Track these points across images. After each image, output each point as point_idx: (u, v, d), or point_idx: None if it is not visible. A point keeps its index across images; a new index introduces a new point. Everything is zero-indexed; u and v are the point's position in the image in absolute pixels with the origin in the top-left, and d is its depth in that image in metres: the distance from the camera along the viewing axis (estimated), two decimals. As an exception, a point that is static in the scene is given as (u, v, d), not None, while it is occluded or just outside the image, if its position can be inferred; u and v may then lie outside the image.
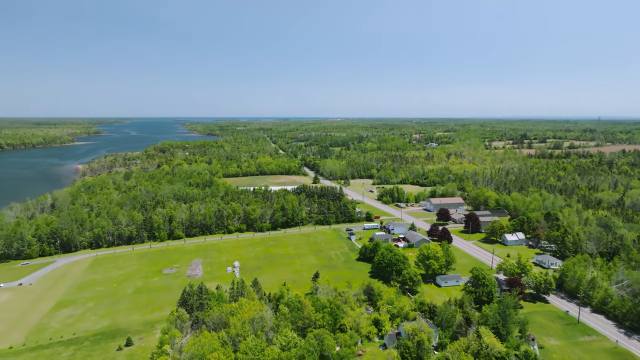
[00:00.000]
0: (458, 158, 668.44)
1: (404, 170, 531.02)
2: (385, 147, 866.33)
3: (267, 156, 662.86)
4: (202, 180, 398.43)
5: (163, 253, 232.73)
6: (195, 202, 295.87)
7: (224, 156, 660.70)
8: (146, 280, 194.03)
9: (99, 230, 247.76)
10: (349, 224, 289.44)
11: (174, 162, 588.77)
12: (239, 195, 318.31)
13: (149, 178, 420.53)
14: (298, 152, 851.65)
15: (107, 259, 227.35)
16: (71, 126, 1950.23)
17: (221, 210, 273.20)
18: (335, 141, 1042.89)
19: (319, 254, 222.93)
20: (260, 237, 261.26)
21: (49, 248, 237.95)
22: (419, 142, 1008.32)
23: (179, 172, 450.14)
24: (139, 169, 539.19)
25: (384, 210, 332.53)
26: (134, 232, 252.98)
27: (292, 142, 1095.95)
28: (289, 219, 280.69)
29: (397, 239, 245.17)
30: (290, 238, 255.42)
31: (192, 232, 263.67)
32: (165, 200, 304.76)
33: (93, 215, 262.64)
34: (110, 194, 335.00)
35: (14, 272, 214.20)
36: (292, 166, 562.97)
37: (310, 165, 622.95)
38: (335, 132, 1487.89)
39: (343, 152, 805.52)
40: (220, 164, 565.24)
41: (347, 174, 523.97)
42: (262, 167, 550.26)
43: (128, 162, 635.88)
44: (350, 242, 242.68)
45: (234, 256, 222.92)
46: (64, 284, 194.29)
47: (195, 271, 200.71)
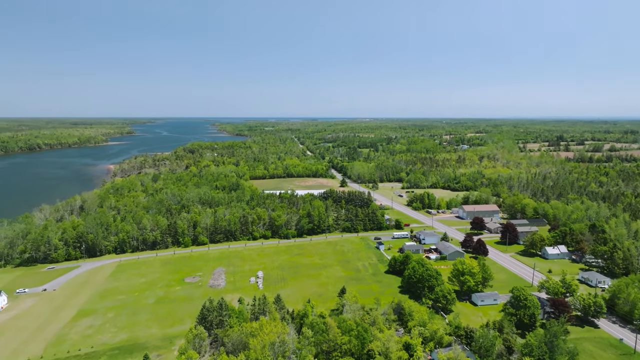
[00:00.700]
0: (491, 161, 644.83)
1: (434, 173, 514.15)
2: (414, 149, 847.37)
3: (295, 158, 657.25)
4: (229, 183, 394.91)
5: (186, 260, 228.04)
6: (220, 207, 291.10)
7: (251, 158, 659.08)
8: (168, 289, 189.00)
9: (124, 235, 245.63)
10: (377, 231, 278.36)
11: (202, 163, 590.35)
12: (264, 200, 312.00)
13: (176, 180, 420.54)
14: (326, 153, 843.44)
15: (131, 265, 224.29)
16: (105, 126, 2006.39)
17: (246, 216, 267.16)
18: (364, 142, 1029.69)
19: (346, 265, 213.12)
20: (285, 244, 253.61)
21: (74, 252, 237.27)
22: (450, 144, 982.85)
23: (205, 175, 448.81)
24: (168, 170, 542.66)
25: (414, 217, 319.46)
26: (158, 237, 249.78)
27: (320, 143, 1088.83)
28: (315, 226, 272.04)
29: (429, 250, 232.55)
30: (316, 246, 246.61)
31: (216, 238, 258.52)
32: (190, 205, 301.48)
33: (118, 219, 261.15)
34: (137, 197, 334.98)
35: (39, 276, 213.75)
36: (320, 169, 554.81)
37: (337, 167, 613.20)
38: (364, 132, 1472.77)
39: (371, 154, 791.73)
40: (248, 165, 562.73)
41: (375, 177, 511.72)
42: (289, 170, 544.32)
43: (157, 163, 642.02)
44: (378, 253, 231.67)
45: (258, 265, 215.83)
46: (86, 291, 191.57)
47: (217, 281, 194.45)
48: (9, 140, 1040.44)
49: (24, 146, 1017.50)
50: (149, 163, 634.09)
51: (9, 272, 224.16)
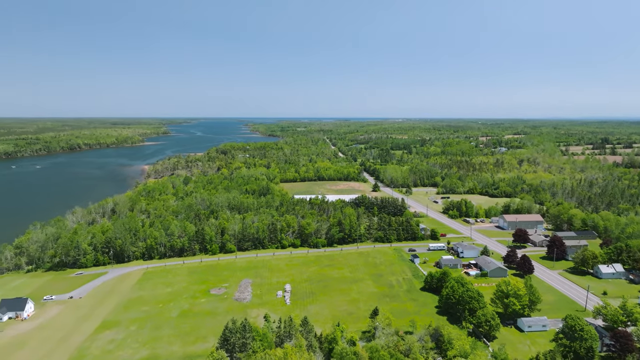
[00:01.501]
0: (531, 165, 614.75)
1: (471, 178, 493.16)
2: (449, 151, 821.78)
3: (326, 160, 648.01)
4: (259, 186, 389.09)
5: (213, 269, 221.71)
6: (249, 213, 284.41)
7: (282, 160, 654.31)
8: (193, 301, 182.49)
9: (152, 241, 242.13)
10: (411, 242, 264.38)
11: (233, 165, 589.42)
12: (294, 206, 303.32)
13: (206, 183, 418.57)
14: (358, 155, 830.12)
15: (157, 273, 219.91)
16: (143, 126, 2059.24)
17: (275, 224, 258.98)
18: (397, 144, 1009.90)
19: (378, 280, 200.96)
20: (315, 254, 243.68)
21: (102, 257, 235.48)
22: (487, 147, 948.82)
23: (236, 177, 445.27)
24: (199, 172, 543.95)
25: (451, 227, 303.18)
26: (185, 244, 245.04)
27: (352, 145, 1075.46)
28: (346, 235, 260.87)
29: (468, 265, 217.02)
30: (347, 257, 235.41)
31: (244, 246, 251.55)
32: (219, 210, 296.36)
33: (147, 224, 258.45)
34: (167, 201, 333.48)
35: (67, 282, 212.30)
36: (351, 172, 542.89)
37: (370, 170, 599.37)
38: (397, 134, 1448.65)
39: (405, 156, 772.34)
40: (279, 168, 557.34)
41: (409, 181, 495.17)
42: (321, 173, 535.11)
43: (190, 164, 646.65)
44: (413, 266, 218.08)
45: (286, 277, 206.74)
46: (111, 300, 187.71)
47: (244, 294, 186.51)
48: (51, 141, 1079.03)
49: (65, 146, 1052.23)
50: (182, 164, 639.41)
51: (39, 276, 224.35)
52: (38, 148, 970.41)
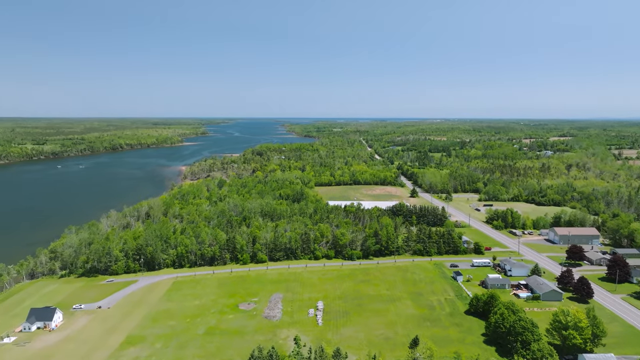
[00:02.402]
0: (581, 171, 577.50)
1: (515, 184, 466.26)
2: (491, 154, 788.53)
3: (362, 163, 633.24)
4: (293, 191, 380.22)
5: (243, 281, 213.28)
6: (282, 221, 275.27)
7: (318, 162, 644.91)
8: (220, 317, 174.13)
9: (182, 249, 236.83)
10: (453, 256, 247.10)
11: (268, 167, 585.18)
12: (328, 214, 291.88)
13: (240, 187, 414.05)
14: (395, 157, 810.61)
15: (186, 283, 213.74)
16: (182, 126, 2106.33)
17: (308, 233, 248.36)
18: (435, 146, 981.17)
19: (418, 299, 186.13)
20: (349, 267, 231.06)
21: (133, 265, 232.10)
22: (531, 150, 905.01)
23: (270, 181, 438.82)
24: (234, 175, 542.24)
25: (495, 239, 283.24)
26: (216, 252, 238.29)
27: (388, 147, 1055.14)
28: (382, 247, 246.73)
29: (517, 285, 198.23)
30: (384, 272, 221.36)
31: (276, 256, 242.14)
32: (251, 216, 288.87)
33: (178, 232, 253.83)
34: (200, 205, 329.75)
35: (98, 290, 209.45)
36: (388, 176, 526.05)
37: (407, 174, 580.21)
38: (435, 135, 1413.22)
39: (444, 159, 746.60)
40: (314, 171, 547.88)
41: (449, 187, 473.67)
42: (356, 176, 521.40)
43: (226, 165, 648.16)
44: (456, 285, 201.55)
45: (319, 293, 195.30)
46: (139, 312, 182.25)
47: (274, 311, 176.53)
48: (95, 141, 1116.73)
49: (108, 146, 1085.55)
50: (218, 166, 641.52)
51: (71, 282, 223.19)
52: (83, 148, 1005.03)
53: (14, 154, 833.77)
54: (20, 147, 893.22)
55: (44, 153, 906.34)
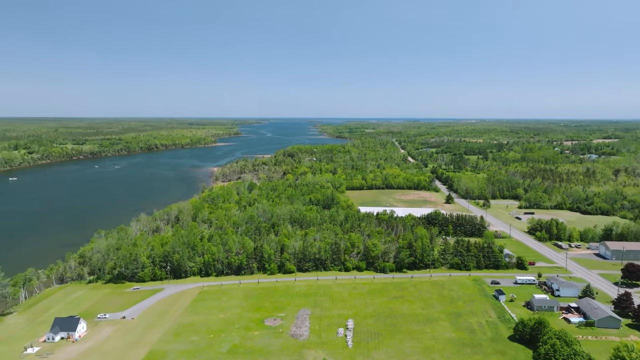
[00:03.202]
0: (631, 177, 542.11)
1: (558, 191, 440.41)
2: (530, 157, 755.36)
3: (395, 166, 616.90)
4: (324, 196, 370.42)
5: (270, 293, 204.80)
6: (311, 229, 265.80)
7: (349, 165, 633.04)
8: (245, 333, 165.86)
9: (209, 257, 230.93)
10: (494, 271, 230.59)
11: (299, 169, 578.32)
12: (359, 222, 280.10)
13: (270, 190, 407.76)
14: (429, 160, 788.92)
15: (212, 293, 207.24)
16: (216, 127, 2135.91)
17: (338, 243, 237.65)
18: (471, 148, 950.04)
19: (456, 321, 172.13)
20: (382, 280, 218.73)
21: (160, 272, 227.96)
22: (573, 153, 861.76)
23: (300, 185, 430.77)
24: (265, 177, 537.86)
25: (539, 252, 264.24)
26: (243, 261, 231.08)
27: (422, 148, 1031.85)
28: (417, 260, 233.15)
29: (567, 308, 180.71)
30: (419, 287, 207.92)
31: (304, 267, 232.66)
32: (280, 223, 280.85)
33: (205, 239, 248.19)
34: (229, 210, 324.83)
35: (123, 298, 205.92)
36: (422, 180, 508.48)
37: (442, 178, 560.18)
38: (470, 136, 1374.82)
39: (480, 162, 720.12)
40: (345, 174, 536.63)
41: (486, 192, 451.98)
42: (389, 180, 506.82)
43: (257, 167, 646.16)
44: (498, 305, 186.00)
45: (349, 309, 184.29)
46: (163, 324, 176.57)
47: (301, 328, 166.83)
48: (131, 141, 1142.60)
49: (144, 146, 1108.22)
50: (249, 167, 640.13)
51: (98, 289, 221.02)
52: (119, 148, 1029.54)
53: (55, 154, 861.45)
54: (61, 147, 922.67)
55: (83, 153, 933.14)
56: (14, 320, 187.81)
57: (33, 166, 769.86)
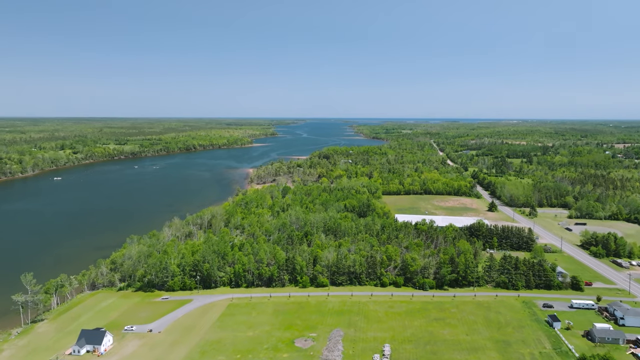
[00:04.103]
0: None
1: (612, 200, 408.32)
2: (579, 162, 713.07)
3: (433, 170, 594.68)
4: (359, 202, 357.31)
5: (301, 309, 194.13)
6: (346, 240, 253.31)
7: (386, 168, 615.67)
8: (274, 355, 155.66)
9: (240, 267, 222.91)
10: (545, 292, 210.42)
11: (334, 172, 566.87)
12: (397, 232, 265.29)
13: (304, 195, 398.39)
14: (469, 163, 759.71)
15: (242, 307, 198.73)
16: (253, 127, 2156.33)
17: (374, 256, 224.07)
18: (513, 151, 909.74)
19: (505, 351, 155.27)
20: (421, 299, 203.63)
21: (189, 281, 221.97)
22: (627, 157, 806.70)
23: (335, 190, 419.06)
24: (299, 181, 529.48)
25: (596, 271, 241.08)
26: (274, 273, 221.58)
27: (461, 151, 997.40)
28: (459, 277, 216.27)
29: (635, 341, 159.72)
30: (462, 308, 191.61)
31: (338, 280, 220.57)
32: (313, 232, 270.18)
33: (236, 248, 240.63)
34: (262, 215, 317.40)
35: (152, 309, 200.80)
36: (462, 185, 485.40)
37: (484, 184, 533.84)
38: (512, 138, 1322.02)
39: (524, 166, 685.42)
40: (382, 178, 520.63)
41: (532, 200, 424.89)
42: (427, 185, 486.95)
43: (292, 169, 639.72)
44: (552, 333, 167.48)
45: (385, 331, 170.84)
46: (189, 340, 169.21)
47: (333, 353, 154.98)
48: (170, 142, 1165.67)
49: (182, 147, 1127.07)
50: (284, 170, 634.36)
51: (128, 297, 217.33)
52: (159, 148, 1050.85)
53: (98, 154, 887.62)
54: (103, 147, 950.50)
55: (124, 153, 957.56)
56: (43, 329, 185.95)
57: (77, 166, 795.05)
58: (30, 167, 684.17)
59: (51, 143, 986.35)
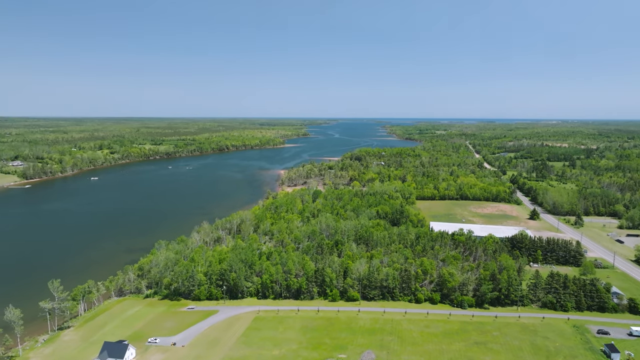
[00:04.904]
0: None
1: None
2: (627, 166, 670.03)
3: (470, 174, 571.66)
4: (392, 208, 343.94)
5: (331, 325, 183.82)
6: (378, 251, 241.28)
7: (420, 171, 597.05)
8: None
9: (267, 277, 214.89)
10: (599, 314, 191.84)
11: (366, 175, 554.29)
12: (432, 243, 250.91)
13: (335, 199, 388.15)
14: (507, 167, 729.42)
15: (268, 320, 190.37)
16: (285, 127, 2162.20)
17: (408, 270, 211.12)
18: (554, 154, 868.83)
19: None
20: (459, 318, 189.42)
21: (216, 291, 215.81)
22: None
23: (367, 194, 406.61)
24: (330, 184, 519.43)
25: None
26: (303, 285, 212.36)
27: (499, 153, 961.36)
28: (502, 295, 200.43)
29: None
30: (505, 331, 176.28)
31: (369, 294, 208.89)
32: (344, 240, 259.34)
33: (264, 257, 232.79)
34: (292, 221, 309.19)
35: (176, 319, 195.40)
36: (501, 191, 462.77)
37: (524, 189, 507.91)
38: (553, 140, 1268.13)
39: (567, 171, 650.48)
40: (415, 182, 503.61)
41: (578, 208, 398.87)
42: (464, 190, 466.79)
43: (323, 172, 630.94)
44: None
45: (420, 356, 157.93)
46: (213, 356, 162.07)
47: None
48: (204, 142, 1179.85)
49: (215, 147, 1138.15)
50: (315, 172, 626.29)
51: (154, 305, 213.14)
52: (193, 149, 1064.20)
53: (134, 154, 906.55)
54: (139, 147, 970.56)
55: (159, 153, 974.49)
56: (69, 337, 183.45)
57: (114, 165, 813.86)
58: (70, 167, 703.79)
59: (90, 143, 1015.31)
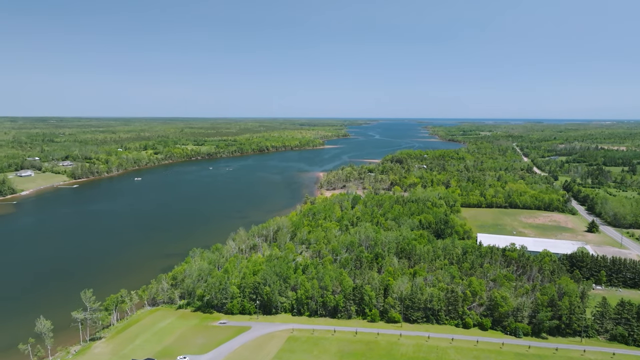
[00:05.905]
0: None
1: None
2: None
3: (519, 180, 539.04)
4: (436, 217, 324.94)
5: (370, 350, 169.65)
6: (421, 266, 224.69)
7: (464, 176, 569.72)
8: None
9: (302, 293, 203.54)
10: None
11: (407, 180, 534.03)
12: (481, 259, 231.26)
13: (376, 205, 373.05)
14: (558, 172, 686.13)
15: (303, 341, 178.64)
16: (325, 128, 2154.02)
17: (455, 291, 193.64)
18: (611, 158, 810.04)
19: None
20: (514, 349, 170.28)
21: (249, 305, 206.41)
22: None
23: (409, 201, 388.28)
24: (370, 189, 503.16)
25: None
26: (340, 302, 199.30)
27: (549, 157, 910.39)
28: (562, 323, 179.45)
29: None
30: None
31: (412, 316, 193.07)
32: (385, 254, 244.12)
33: (299, 270, 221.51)
34: (330, 230, 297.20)
35: (208, 334, 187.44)
36: (554, 199, 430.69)
37: (579, 197, 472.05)
38: (608, 142, 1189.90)
39: (627, 177, 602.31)
40: (460, 188, 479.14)
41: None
42: (513, 198, 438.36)
43: (362, 175, 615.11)
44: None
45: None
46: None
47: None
48: (245, 143, 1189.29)
49: (256, 148, 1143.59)
50: (354, 175, 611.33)
51: (187, 317, 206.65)
52: (233, 150, 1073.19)
53: (176, 155, 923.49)
54: (182, 148, 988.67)
55: (201, 154, 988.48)
56: (99, 350, 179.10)
57: (157, 166, 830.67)
58: (115, 167, 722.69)
59: (135, 143, 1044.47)
